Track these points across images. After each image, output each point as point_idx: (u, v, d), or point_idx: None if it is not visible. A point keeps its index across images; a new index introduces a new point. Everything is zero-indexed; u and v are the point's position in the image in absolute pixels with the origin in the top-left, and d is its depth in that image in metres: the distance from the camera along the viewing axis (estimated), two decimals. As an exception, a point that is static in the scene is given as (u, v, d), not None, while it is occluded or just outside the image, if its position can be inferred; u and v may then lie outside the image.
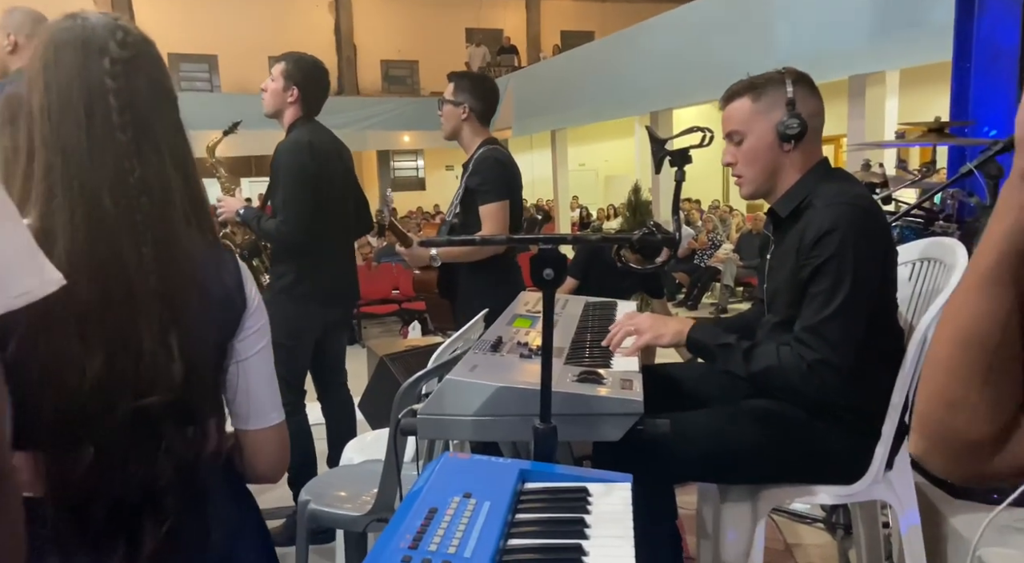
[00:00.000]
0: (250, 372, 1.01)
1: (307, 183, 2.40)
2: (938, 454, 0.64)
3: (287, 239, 2.44)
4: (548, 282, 1.11)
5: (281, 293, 2.48)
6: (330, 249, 2.53)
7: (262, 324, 1.04)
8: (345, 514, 1.64)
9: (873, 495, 1.51)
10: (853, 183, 1.56)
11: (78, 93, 0.88)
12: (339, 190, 2.56)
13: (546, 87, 12.62)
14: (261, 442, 1.04)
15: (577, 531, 0.86)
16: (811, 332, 1.40)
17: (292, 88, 2.51)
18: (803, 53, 6.54)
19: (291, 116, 2.54)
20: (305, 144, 2.44)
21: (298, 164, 2.41)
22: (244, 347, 1.01)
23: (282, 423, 1.07)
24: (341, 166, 2.59)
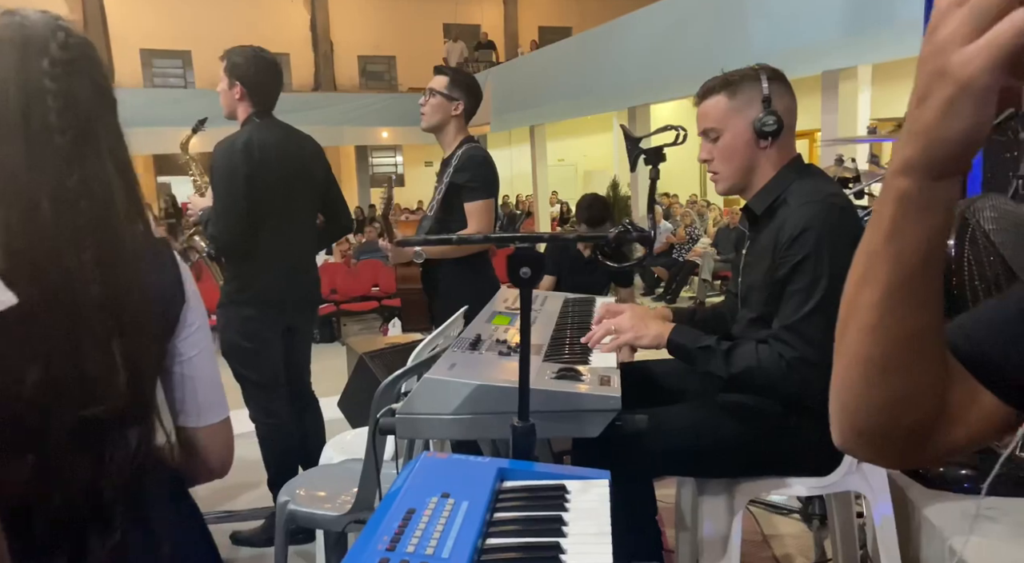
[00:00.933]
0: (197, 368, 1.00)
1: (237, 187, 2.30)
2: (868, 445, 0.63)
3: (218, 244, 2.40)
4: (525, 281, 1.11)
5: (230, 297, 2.45)
6: (275, 252, 2.41)
7: (203, 320, 1.01)
8: (324, 514, 1.64)
9: (847, 486, 1.54)
10: (827, 180, 1.58)
11: (15, 94, 0.84)
12: (288, 190, 2.42)
13: (524, 83, 12.62)
14: (209, 439, 1.03)
15: (555, 529, 0.86)
16: (790, 330, 1.41)
17: (235, 84, 2.44)
18: (777, 48, 6.60)
19: (242, 114, 2.45)
20: (240, 146, 2.33)
21: (228, 167, 2.32)
22: (188, 345, 0.99)
23: (228, 419, 1.06)
24: (295, 166, 2.45)
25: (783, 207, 1.50)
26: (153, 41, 16.11)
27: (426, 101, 2.48)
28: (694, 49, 7.96)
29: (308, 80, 16.95)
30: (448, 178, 2.44)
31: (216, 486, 1.89)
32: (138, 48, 16.06)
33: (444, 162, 2.52)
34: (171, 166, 17.45)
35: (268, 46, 2.62)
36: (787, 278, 1.44)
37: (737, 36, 7.38)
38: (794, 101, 1.54)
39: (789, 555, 2.18)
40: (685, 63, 8.06)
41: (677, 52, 8.44)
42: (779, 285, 1.46)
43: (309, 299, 2.64)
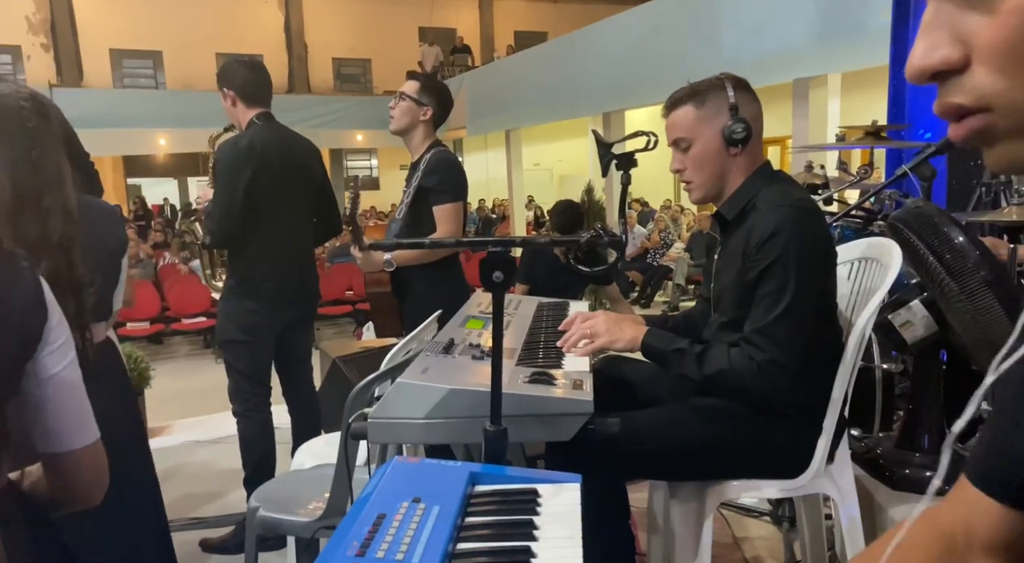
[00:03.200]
0: (60, 390, 0.92)
1: (235, 183, 2.39)
2: None
3: (212, 238, 2.50)
4: (497, 285, 1.11)
5: (231, 290, 2.53)
6: (273, 250, 2.50)
7: (66, 337, 0.95)
8: (295, 521, 1.62)
9: (816, 488, 1.56)
10: (794, 186, 1.60)
11: None
12: (288, 191, 2.52)
13: (500, 87, 12.65)
14: (79, 464, 0.96)
15: (526, 533, 0.86)
16: (760, 333, 1.43)
17: (226, 92, 2.53)
18: (749, 56, 6.70)
19: (244, 119, 2.54)
20: (243, 146, 2.43)
21: (231, 165, 2.42)
22: (52, 361, 0.92)
23: (97, 442, 0.98)
24: (295, 167, 2.56)
25: (753, 212, 1.52)
26: (123, 41, 15.85)
27: (395, 104, 2.50)
28: (667, 56, 8.05)
29: (282, 82, 16.80)
30: (416, 182, 2.44)
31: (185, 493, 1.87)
32: (108, 48, 15.79)
33: (412, 166, 2.53)
34: (141, 168, 17.19)
35: (241, 47, 2.67)
36: (757, 282, 1.46)
37: (710, 44, 7.48)
38: (760, 108, 1.57)
39: (759, 557, 2.20)
40: (658, 70, 8.14)
41: (651, 59, 8.52)
42: (749, 289, 1.48)
43: (308, 294, 2.72)
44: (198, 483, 3.06)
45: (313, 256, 2.79)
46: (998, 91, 0.40)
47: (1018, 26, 0.38)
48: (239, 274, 2.51)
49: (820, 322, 1.49)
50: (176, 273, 7.77)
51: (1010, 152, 0.42)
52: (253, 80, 2.54)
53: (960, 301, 1.54)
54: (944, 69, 0.42)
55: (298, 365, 2.76)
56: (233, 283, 2.53)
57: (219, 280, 2.78)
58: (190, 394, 4.43)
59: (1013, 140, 0.42)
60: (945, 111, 0.44)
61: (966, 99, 0.42)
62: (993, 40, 0.40)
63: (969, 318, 1.53)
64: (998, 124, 0.41)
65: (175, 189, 17.70)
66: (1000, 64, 0.40)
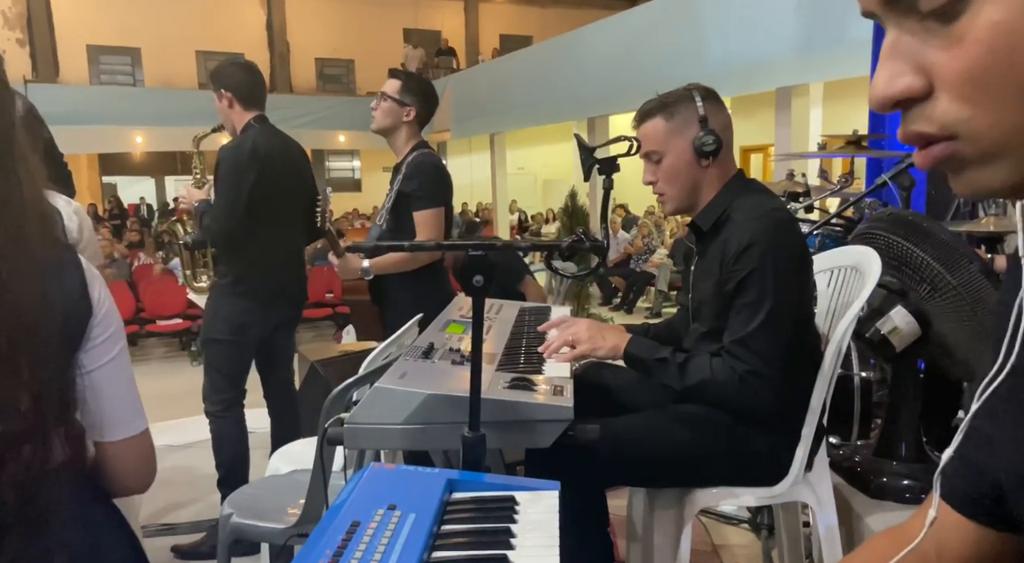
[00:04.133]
0: (102, 383, 0.94)
1: (241, 185, 2.41)
2: None
3: (212, 235, 2.50)
4: (478, 289, 1.10)
5: (224, 290, 2.54)
6: (271, 251, 2.54)
7: (112, 331, 0.96)
8: (270, 527, 1.59)
9: (794, 496, 1.56)
10: (769, 195, 1.61)
11: None
12: (286, 194, 2.56)
13: (485, 90, 12.65)
14: (121, 454, 0.98)
15: (503, 541, 0.84)
16: (740, 344, 1.43)
17: (222, 93, 2.52)
18: (734, 64, 6.76)
19: (240, 121, 2.54)
20: (248, 148, 2.45)
21: (234, 166, 2.43)
22: (91, 357, 0.93)
23: (145, 433, 1.00)
24: (292, 170, 2.60)
25: (728, 222, 1.52)
26: (101, 37, 15.63)
27: (377, 104, 2.46)
28: (652, 63, 8.09)
29: (264, 82, 16.68)
30: (397, 186, 2.40)
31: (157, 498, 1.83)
32: (85, 44, 15.57)
33: (396, 168, 2.48)
34: (117, 166, 16.96)
35: (222, 46, 2.66)
36: (735, 292, 1.46)
37: (695, 52, 7.54)
38: (729, 118, 1.57)
39: (738, 564, 2.20)
40: (644, 76, 8.17)
41: (635, 65, 8.57)
42: (727, 299, 1.48)
43: (300, 296, 2.75)
44: (171, 488, 3.01)
45: (304, 258, 2.82)
46: (962, 120, 0.40)
47: (980, 55, 0.38)
48: (235, 274, 2.52)
49: (798, 330, 1.49)
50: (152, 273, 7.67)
51: (976, 179, 0.42)
52: (250, 82, 2.56)
53: (956, 294, 1.55)
54: (907, 97, 0.42)
55: (282, 367, 2.77)
56: (227, 282, 2.53)
57: (200, 281, 2.79)
58: (164, 397, 4.36)
59: (979, 167, 0.42)
60: (909, 139, 0.44)
61: (930, 127, 0.42)
62: (955, 70, 0.40)
63: (968, 310, 1.54)
64: (963, 152, 0.41)
65: (152, 188, 17.47)
66: (963, 93, 0.40)
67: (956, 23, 0.39)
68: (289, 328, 2.77)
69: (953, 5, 0.38)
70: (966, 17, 0.38)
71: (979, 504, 0.61)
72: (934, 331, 1.71)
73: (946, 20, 0.39)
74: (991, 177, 0.42)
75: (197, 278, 2.81)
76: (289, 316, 2.71)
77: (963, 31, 0.38)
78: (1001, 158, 0.41)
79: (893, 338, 1.70)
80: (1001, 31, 0.37)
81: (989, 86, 0.39)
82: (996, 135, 0.40)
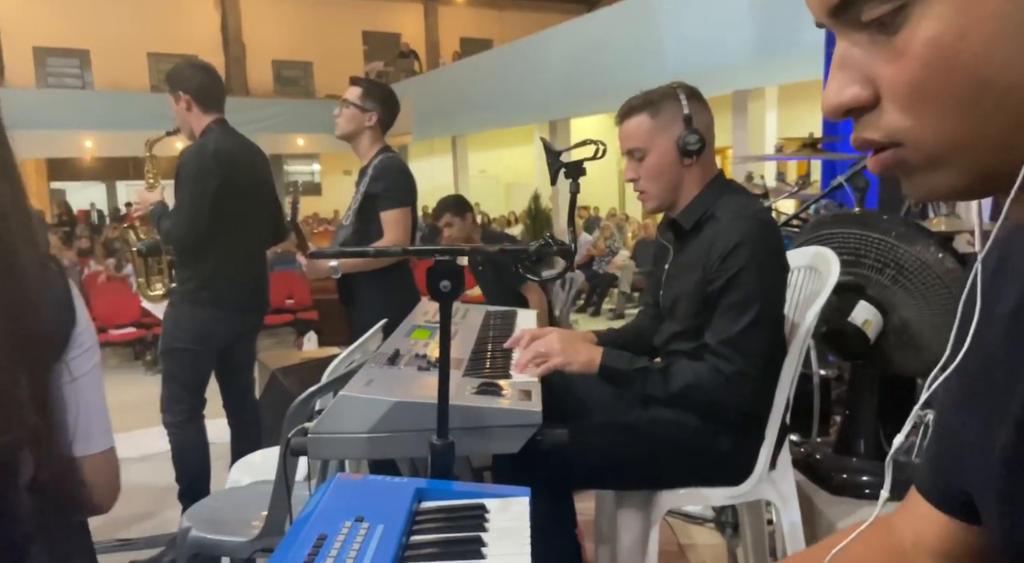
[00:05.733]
0: (81, 393, 0.92)
1: (205, 188, 2.36)
2: None
3: (175, 241, 2.45)
4: (445, 294, 1.08)
5: (186, 298, 2.47)
6: (235, 257, 2.49)
7: (92, 342, 0.95)
8: (231, 541, 1.55)
9: (759, 494, 1.58)
10: (751, 197, 1.63)
11: None
12: (250, 198, 2.51)
13: (446, 93, 12.62)
14: (95, 469, 0.95)
15: (474, 550, 0.83)
16: (728, 345, 1.43)
17: (180, 95, 2.46)
18: (690, 68, 6.86)
19: (198, 125, 2.48)
20: (210, 150, 2.40)
21: (199, 170, 2.38)
22: (77, 365, 0.92)
23: (113, 448, 0.99)
24: (253, 174, 2.55)
25: (711, 222, 1.52)
26: (48, 39, 15.15)
27: (340, 112, 2.50)
28: (611, 66, 8.18)
29: (220, 84, 16.37)
30: (364, 187, 2.43)
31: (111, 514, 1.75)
32: (31, 46, 15.07)
33: (361, 171, 2.52)
34: (66, 171, 16.45)
35: (175, 47, 2.61)
36: (721, 292, 1.46)
37: (653, 55, 7.63)
38: (711, 118, 1.58)
39: (704, 563, 2.23)
40: (603, 79, 8.26)
41: (595, 68, 8.65)
42: (711, 299, 1.48)
43: (264, 303, 2.70)
44: (126, 502, 2.90)
45: (266, 264, 2.77)
46: (905, 129, 0.42)
47: (918, 70, 0.40)
48: (197, 281, 2.45)
49: (777, 331, 1.51)
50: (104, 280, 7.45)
51: (925, 183, 0.44)
52: (209, 84, 2.50)
53: (923, 266, 1.59)
54: (855, 106, 0.44)
55: (243, 376, 2.72)
56: (190, 289, 2.46)
57: (155, 289, 2.71)
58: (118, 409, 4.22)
59: (925, 173, 0.44)
60: (860, 146, 0.46)
61: (878, 135, 0.44)
62: (897, 82, 0.42)
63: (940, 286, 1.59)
64: (909, 158, 0.44)
65: (103, 194, 16.99)
66: (905, 104, 0.42)
67: (898, 35, 0.40)
68: (251, 336, 2.72)
69: (892, 17, 0.40)
70: (906, 30, 0.40)
71: (949, 497, 0.62)
72: (895, 322, 1.75)
73: (888, 32, 0.41)
74: (938, 182, 0.44)
75: (151, 286, 2.73)
76: (252, 323, 2.67)
77: (904, 44, 0.40)
78: (945, 164, 0.43)
79: (867, 329, 1.74)
80: (936, 46, 0.39)
81: (928, 98, 0.41)
82: (938, 143, 0.42)
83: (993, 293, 0.54)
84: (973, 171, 0.43)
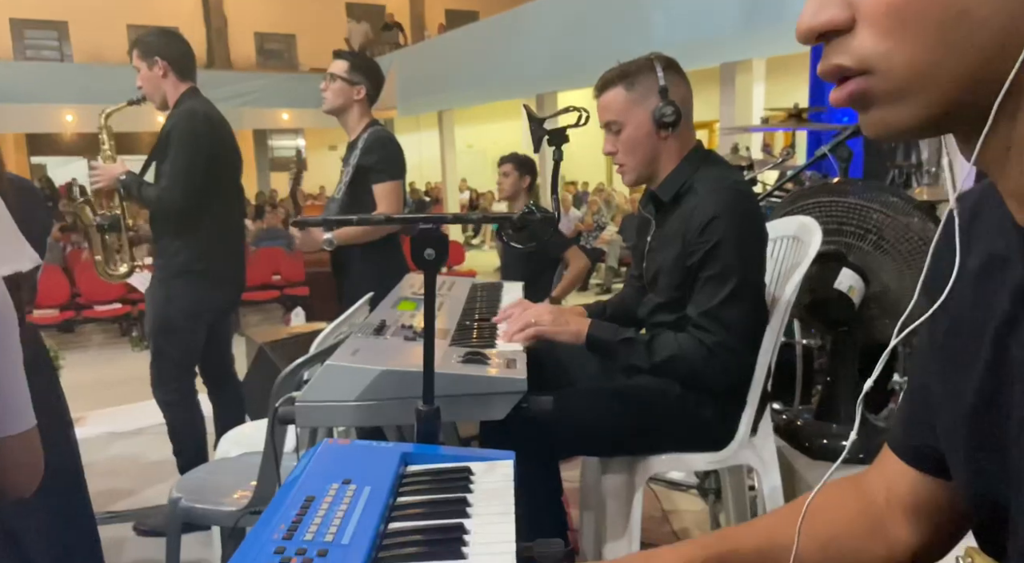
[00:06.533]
0: None
1: (200, 152, 2.31)
2: None
3: (168, 206, 2.34)
4: (429, 262, 1.09)
5: (177, 271, 2.39)
6: (222, 227, 2.45)
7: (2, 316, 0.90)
8: (220, 510, 1.57)
9: (740, 460, 1.61)
10: (729, 168, 1.63)
11: None
12: (233, 167, 2.48)
13: (432, 66, 12.46)
14: (6, 452, 0.91)
15: (459, 510, 0.85)
16: (708, 317, 1.45)
17: (155, 61, 2.39)
18: (677, 40, 6.81)
19: (173, 93, 2.42)
20: (201, 115, 2.35)
21: (193, 132, 2.31)
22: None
23: (32, 430, 0.93)
24: (235, 146, 2.52)
25: (690, 194, 1.53)
26: (25, 10, 14.78)
27: (327, 86, 2.47)
28: (599, 39, 8.10)
29: (200, 57, 16.03)
30: (355, 160, 2.42)
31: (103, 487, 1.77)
32: (7, 17, 14.70)
33: (350, 145, 2.50)
34: (46, 145, 16.17)
35: (154, 19, 2.56)
36: (700, 265, 1.47)
37: (641, 28, 7.57)
38: (689, 89, 1.58)
39: (687, 529, 2.27)
40: (590, 52, 8.18)
41: (583, 41, 8.56)
42: (690, 271, 1.49)
43: (243, 278, 2.65)
44: (117, 476, 2.93)
45: (244, 237, 2.75)
46: (879, 53, 0.42)
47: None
48: (190, 253, 2.38)
49: (756, 301, 1.53)
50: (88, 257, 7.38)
51: (884, 117, 0.44)
52: (186, 53, 2.45)
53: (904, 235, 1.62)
54: (830, 29, 0.44)
55: (224, 350, 2.69)
56: (180, 262, 2.38)
57: (117, 268, 2.58)
58: (105, 384, 4.23)
59: (888, 105, 0.44)
60: (828, 72, 0.46)
61: (848, 60, 0.44)
62: (878, 3, 0.42)
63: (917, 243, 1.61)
64: (875, 88, 0.43)
65: (84, 169, 16.70)
66: (883, 26, 0.42)
67: None
68: (232, 311, 2.72)
69: None
70: None
71: (920, 453, 0.64)
72: (876, 288, 1.78)
73: None
74: (898, 115, 0.44)
75: (112, 265, 2.58)
76: (235, 298, 2.64)
77: None
78: (909, 96, 0.43)
79: (852, 294, 1.76)
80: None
81: (907, 21, 0.41)
82: (908, 71, 0.42)
83: (964, 248, 0.55)
84: (935, 106, 0.43)
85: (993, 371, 0.51)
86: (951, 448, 0.58)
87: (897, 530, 0.67)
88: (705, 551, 0.66)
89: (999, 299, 0.51)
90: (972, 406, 0.53)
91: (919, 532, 0.66)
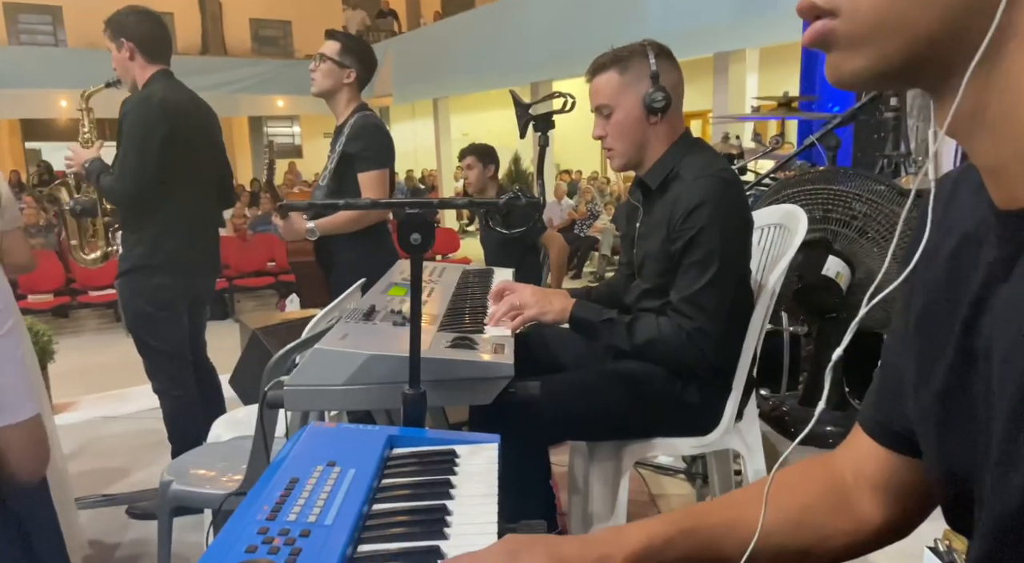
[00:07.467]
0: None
1: (151, 141, 2.22)
2: None
3: (118, 196, 2.29)
4: (416, 247, 1.10)
5: (137, 265, 2.34)
6: (183, 217, 2.35)
7: (2, 305, 0.91)
8: (211, 493, 1.58)
9: (726, 444, 1.63)
10: (715, 155, 1.64)
11: None
12: (199, 155, 2.39)
13: (427, 54, 12.40)
14: (9, 440, 0.92)
15: (443, 492, 0.87)
16: (688, 302, 1.47)
17: (122, 43, 2.32)
18: (673, 29, 6.80)
19: (142, 75, 2.35)
20: (156, 101, 2.25)
21: (144, 122, 2.23)
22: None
23: (36, 418, 0.94)
24: (204, 132, 2.42)
25: (676, 181, 1.54)
26: (18, -7, 14.65)
27: (316, 66, 2.41)
28: (595, 28, 8.07)
29: (194, 43, 15.93)
30: (340, 147, 2.37)
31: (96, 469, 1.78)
32: (1, 2, 14.56)
33: (337, 130, 2.45)
34: (41, 131, 16.05)
35: (149, 3, 2.47)
36: (683, 251, 1.49)
37: (637, 17, 7.54)
38: (680, 77, 1.59)
39: (675, 513, 2.30)
40: (586, 41, 8.14)
41: (578, 30, 8.54)
42: (674, 257, 1.51)
43: (214, 266, 2.58)
44: (110, 459, 2.94)
45: (216, 225, 2.63)
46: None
47: None
48: (147, 244, 2.32)
49: (738, 288, 1.55)
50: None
51: (839, 62, 0.45)
52: (155, 34, 2.35)
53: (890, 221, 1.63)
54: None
55: (196, 340, 2.60)
56: (138, 256, 2.32)
57: (91, 253, 2.55)
58: (99, 369, 4.23)
59: (845, 51, 0.45)
60: (803, 9, 0.47)
61: None
62: None
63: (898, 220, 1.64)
64: (838, 29, 0.44)
65: (77, 154, 16.59)
66: None
67: None
68: (203, 301, 2.60)
69: None
70: None
71: (889, 431, 0.66)
72: (861, 274, 1.80)
73: None
74: (851, 62, 0.45)
75: (86, 249, 2.54)
76: (206, 288, 2.56)
77: None
78: (866, 45, 0.44)
79: (839, 280, 1.78)
80: None
81: None
82: (872, 17, 0.43)
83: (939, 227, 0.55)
84: (893, 58, 0.44)
85: (963, 351, 0.52)
86: (922, 426, 0.59)
87: (864, 507, 0.68)
88: (672, 526, 0.67)
89: (971, 279, 0.51)
90: (943, 385, 0.54)
91: (886, 509, 0.67)
